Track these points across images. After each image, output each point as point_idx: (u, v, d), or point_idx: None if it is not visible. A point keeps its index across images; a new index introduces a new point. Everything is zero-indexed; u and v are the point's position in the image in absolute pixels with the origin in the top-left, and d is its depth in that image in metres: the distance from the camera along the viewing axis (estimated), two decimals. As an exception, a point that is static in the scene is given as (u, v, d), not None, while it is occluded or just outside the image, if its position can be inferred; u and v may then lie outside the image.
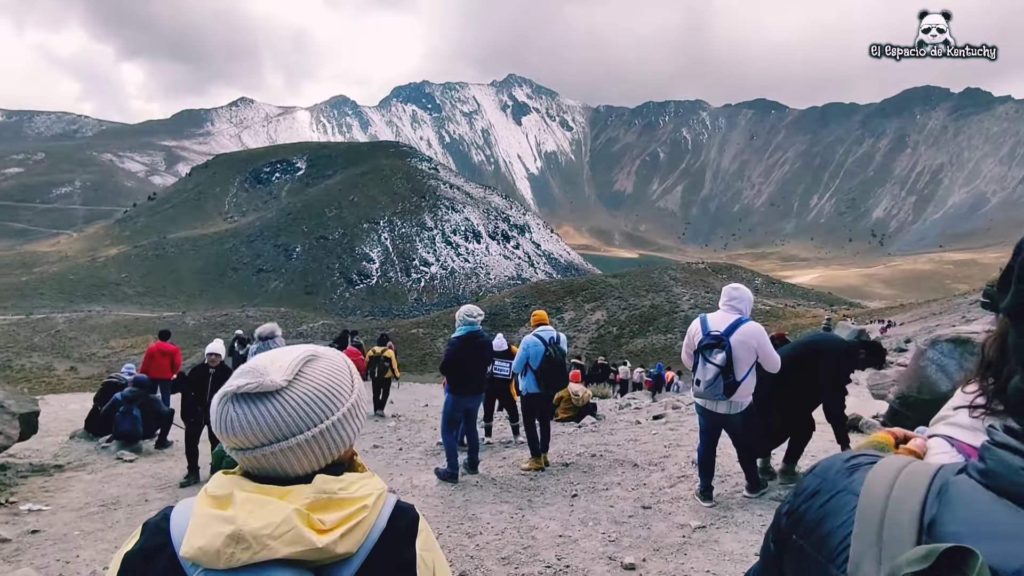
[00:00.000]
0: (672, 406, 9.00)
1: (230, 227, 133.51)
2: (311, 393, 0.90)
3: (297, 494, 0.84)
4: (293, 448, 0.87)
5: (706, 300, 61.33)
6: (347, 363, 0.99)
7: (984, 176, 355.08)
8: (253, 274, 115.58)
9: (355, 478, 0.91)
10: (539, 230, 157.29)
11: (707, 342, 3.98)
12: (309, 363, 0.94)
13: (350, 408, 0.94)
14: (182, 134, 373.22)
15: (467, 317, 5.53)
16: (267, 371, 0.89)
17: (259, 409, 0.86)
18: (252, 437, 0.86)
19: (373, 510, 0.87)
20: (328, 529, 0.82)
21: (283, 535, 0.79)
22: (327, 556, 0.81)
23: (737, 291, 4.22)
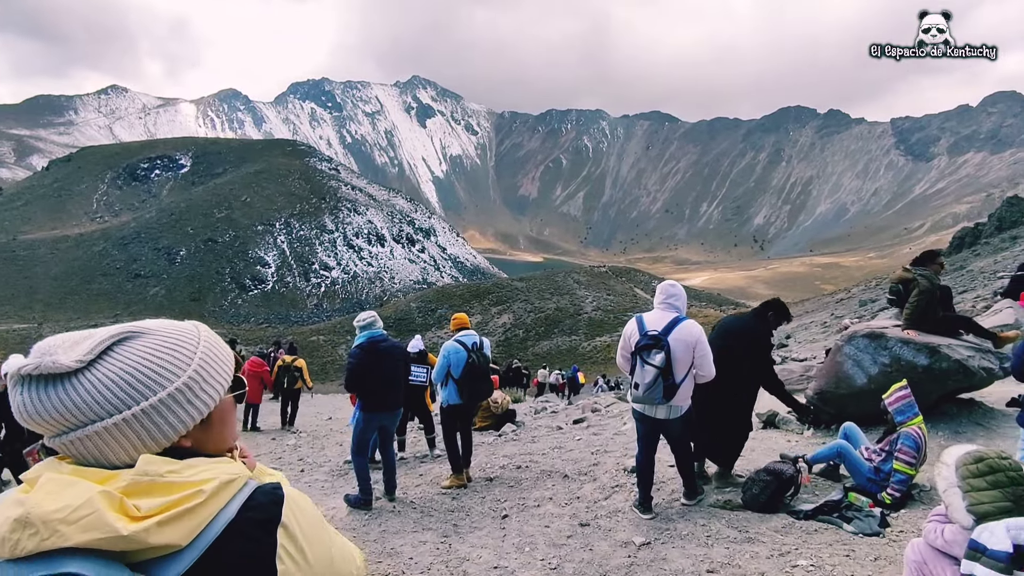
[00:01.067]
0: (591, 409, 8.87)
1: (99, 228, 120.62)
2: (111, 376, 0.77)
3: (120, 477, 0.74)
4: (92, 437, 0.76)
5: (608, 302, 63.70)
6: (193, 341, 0.87)
7: (845, 188, 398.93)
8: (128, 280, 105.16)
9: (198, 461, 0.79)
10: (445, 234, 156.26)
11: (644, 343, 3.77)
12: (123, 342, 0.81)
13: (178, 390, 0.81)
14: (37, 122, 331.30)
15: (361, 322, 4.97)
16: (55, 351, 0.78)
17: (46, 393, 0.75)
18: (43, 423, 0.76)
19: (214, 497, 0.75)
20: (143, 516, 0.70)
21: (79, 520, 0.66)
22: (138, 547, 0.69)
23: (674, 288, 4.05)
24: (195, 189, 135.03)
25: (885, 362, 4.88)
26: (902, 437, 3.80)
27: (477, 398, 5.30)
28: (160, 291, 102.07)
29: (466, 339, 5.32)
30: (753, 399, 4.52)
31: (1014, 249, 33.61)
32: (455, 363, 5.19)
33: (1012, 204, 48.56)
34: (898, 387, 3.99)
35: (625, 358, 4.00)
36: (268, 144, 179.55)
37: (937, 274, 5.21)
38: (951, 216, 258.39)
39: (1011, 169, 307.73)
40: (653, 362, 3.67)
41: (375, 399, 4.78)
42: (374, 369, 4.73)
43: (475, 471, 5.57)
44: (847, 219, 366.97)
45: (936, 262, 5.33)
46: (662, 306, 3.97)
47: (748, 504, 3.85)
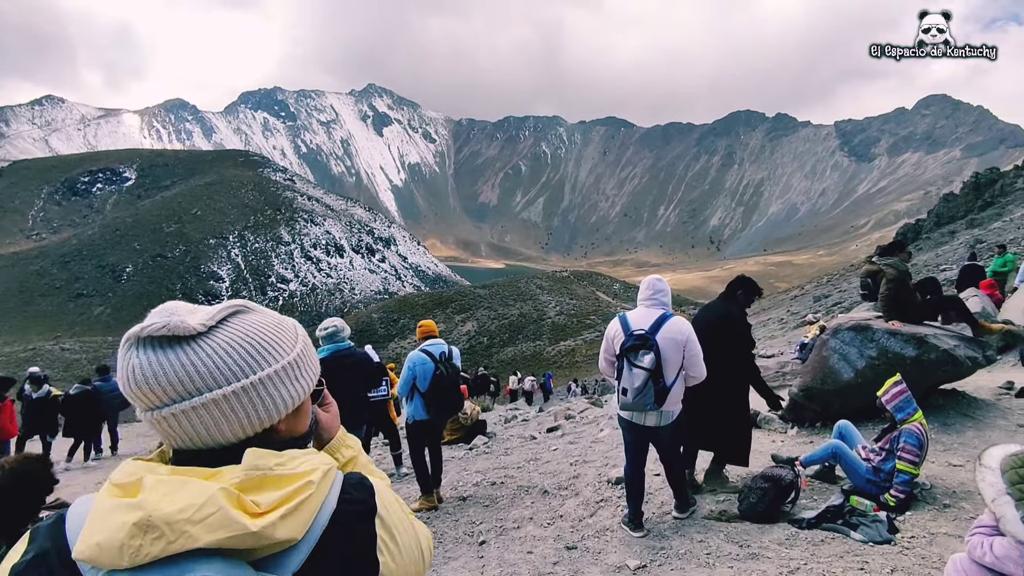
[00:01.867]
0: (565, 416, 8.53)
1: (37, 246, 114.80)
2: (234, 342, 0.77)
3: (226, 474, 0.70)
4: (209, 406, 0.73)
5: (571, 307, 63.92)
6: (292, 323, 0.87)
7: (795, 189, 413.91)
8: (70, 300, 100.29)
9: (297, 453, 0.77)
10: (405, 242, 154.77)
11: (631, 343, 3.42)
12: (238, 314, 0.82)
13: (287, 366, 0.80)
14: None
15: (324, 332, 4.51)
16: (180, 312, 0.77)
17: (168, 356, 0.73)
18: (158, 390, 0.72)
19: (321, 487, 0.73)
20: (264, 511, 0.67)
21: (205, 518, 0.64)
22: (265, 543, 0.66)
23: (660, 283, 3.74)
24: (141, 203, 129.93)
25: (872, 355, 4.72)
26: (904, 435, 3.58)
27: (446, 412, 4.85)
28: (106, 310, 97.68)
29: (433, 348, 4.87)
30: (746, 386, 4.25)
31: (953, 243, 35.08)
32: (421, 375, 4.75)
33: (948, 201, 50.95)
34: (892, 383, 3.77)
35: (609, 362, 3.66)
36: (219, 155, 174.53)
37: (904, 262, 5.12)
38: (893, 213, 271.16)
39: (945, 168, 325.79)
40: (642, 364, 3.34)
41: None
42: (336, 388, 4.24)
43: (446, 490, 5.15)
44: (797, 218, 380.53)
45: (904, 251, 5.26)
46: (647, 303, 3.64)
47: (746, 514, 3.56)
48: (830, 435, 4.98)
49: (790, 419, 5.45)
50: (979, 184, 47.36)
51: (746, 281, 4.34)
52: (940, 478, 3.78)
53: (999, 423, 4.50)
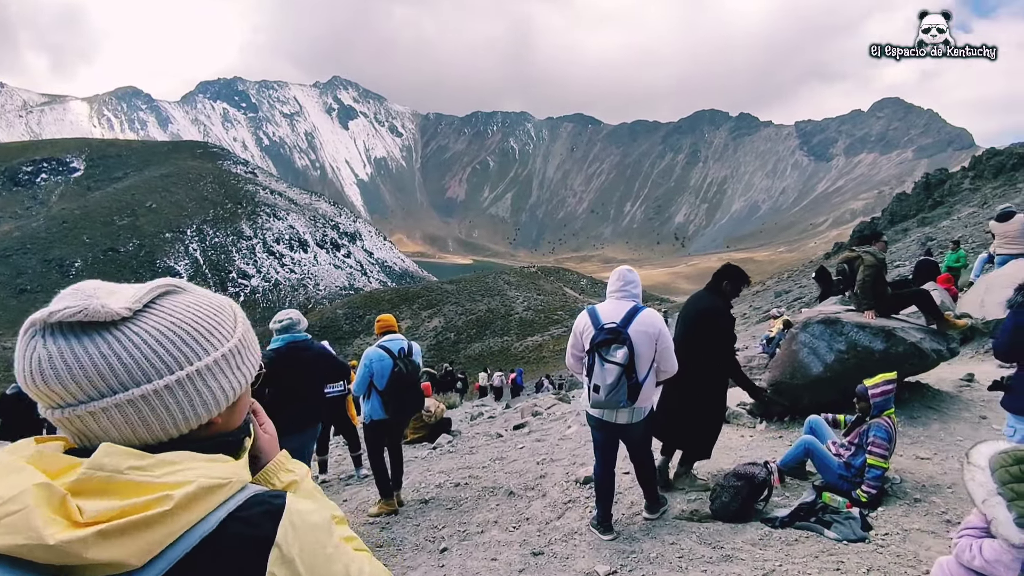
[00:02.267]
0: (532, 412, 8.35)
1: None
2: (165, 328, 0.65)
3: (75, 469, 0.57)
4: (135, 403, 0.61)
5: (539, 302, 64.06)
6: (231, 306, 0.77)
7: (756, 187, 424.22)
8: (12, 296, 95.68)
9: (179, 457, 0.61)
10: (371, 238, 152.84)
11: (602, 338, 3.24)
12: (169, 295, 0.70)
13: (227, 354, 0.69)
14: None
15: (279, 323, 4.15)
16: (99, 294, 0.64)
17: (86, 346, 0.60)
18: (72, 386, 0.59)
19: (186, 507, 0.57)
20: (85, 523, 0.53)
21: (3, 517, 0.51)
22: (69, 561, 0.52)
23: (630, 274, 3.56)
24: (91, 195, 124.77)
25: (841, 348, 4.67)
26: (873, 428, 3.51)
27: (405, 412, 4.58)
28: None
29: (391, 344, 4.61)
30: (725, 383, 4.12)
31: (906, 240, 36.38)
32: (378, 372, 4.48)
33: (901, 200, 52.94)
34: (886, 379, 3.67)
35: (577, 358, 3.47)
36: (176, 146, 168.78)
37: (882, 252, 5.10)
38: (849, 212, 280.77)
39: (898, 168, 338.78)
40: (614, 359, 3.18)
41: (287, 417, 3.84)
42: (291, 382, 3.88)
43: (408, 492, 4.91)
44: (759, 216, 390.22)
45: (880, 240, 5.25)
46: (618, 295, 3.47)
47: (718, 513, 3.44)
48: (800, 430, 4.96)
49: (759, 414, 5.40)
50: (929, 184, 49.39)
51: (733, 270, 4.15)
52: (909, 471, 3.75)
53: (963, 415, 4.51)
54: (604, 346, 3.23)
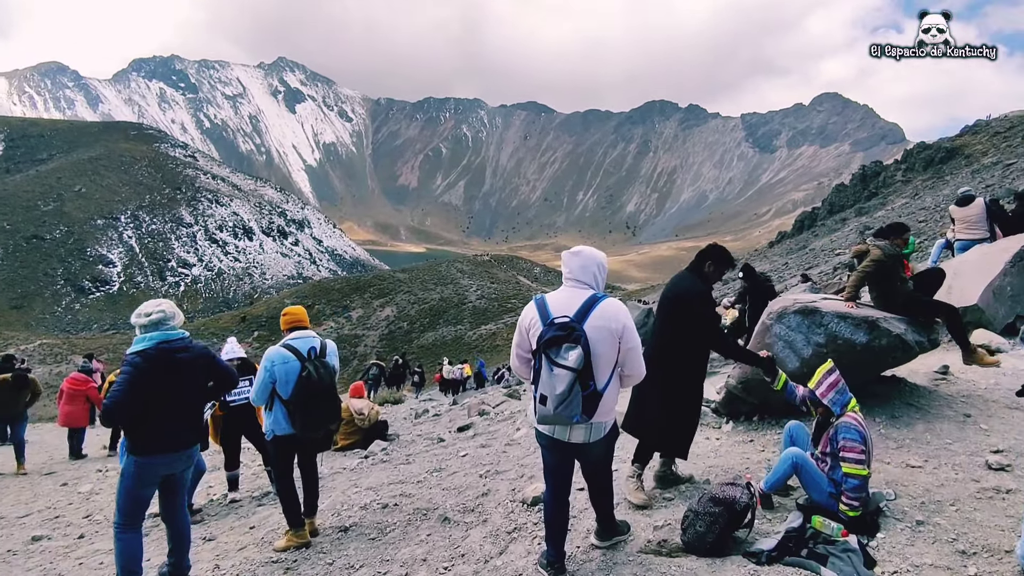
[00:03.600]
0: (479, 411, 7.68)
1: None
2: None
3: None
4: None
5: (492, 291, 63.55)
6: None
7: (704, 177, 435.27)
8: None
9: None
10: (320, 225, 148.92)
11: (551, 335, 2.57)
12: None
13: None
14: None
15: (144, 318, 3.36)
16: None
17: None
18: None
19: None
20: None
21: None
22: None
23: (589, 255, 2.87)
24: (11, 178, 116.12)
25: (820, 341, 4.20)
26: (840, 431, 2.99)
27: (316, 426, 3.78)
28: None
29: (299, 343, 3.85)
30: (702, 373, 3.66)
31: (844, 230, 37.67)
32: (282, 378, 3.71)
33: (839, 191, 55.09)
34: (825, 371, 3.17)
35: (523, 359, 2.80)
36: (107, 127, 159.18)
37: (897, 247, 4.67)
38: (791, 202, 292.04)
39: (836, 161, 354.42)
40: (565, 362, 2.51)
41: (157, 435, 3.20)
42: (161, 389, 3.17)
43: (326, 516, 4.17)
44: (707, 205, 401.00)
45: (901, 237, 4.86)
46: (573, 282, 2.81)
47: (691, 546, 2.84)
48: (770, 431, 4.46)
49: (724, 413, 4.90)
50: (865, 176, 51.47)
51: (717, 251, 3.65)
52: (902, 483, 3.28)
53: (946, 413, 4.12)
54: (553, 346, 2.56)
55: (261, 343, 52.59)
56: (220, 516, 4.75)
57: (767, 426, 4.50)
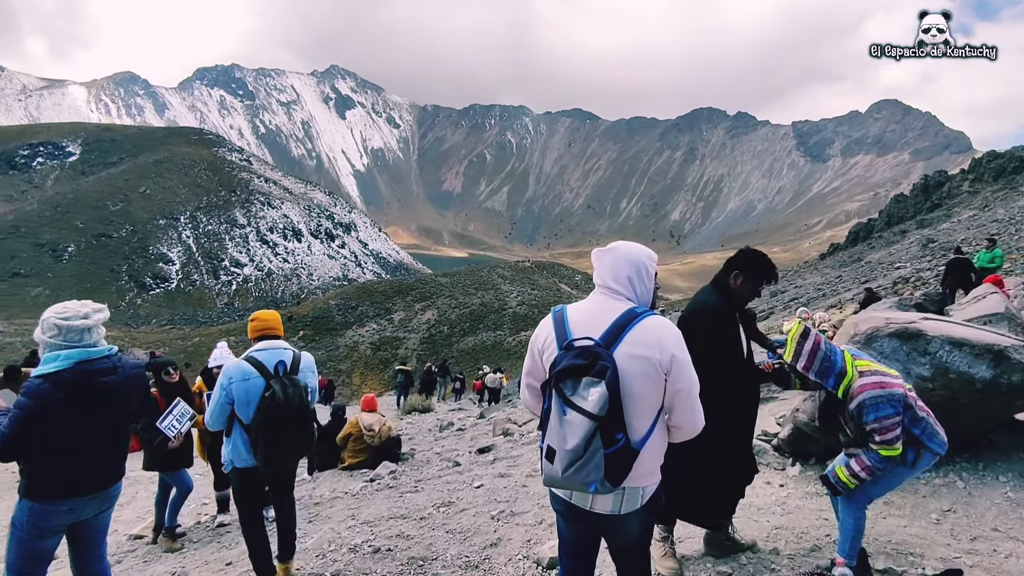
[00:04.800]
0: (503, 429, 7.02)
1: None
2: None
3: None
4: None
5: (533, 297, 62.99)
6: None
7: (752, 186, 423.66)
8: (4, 279, 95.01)
9: None
10: (366, 229, 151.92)
11: (567, 364, 1.85)
12: None
13: None
14: None
15: (55, 327, 2.49)
16: None
17: None
18: None
19: None
20: None
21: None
22: None
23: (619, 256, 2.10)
24: (85, 179, 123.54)
25: (925, 374, 3.35)
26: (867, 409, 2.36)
27: (280, 456, 3.12)
28: (44, 291, 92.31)
29: (265, 356, 3.20)
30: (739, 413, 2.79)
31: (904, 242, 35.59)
32: (241, 397, 3.09)
33: (898, 201, 52.37)
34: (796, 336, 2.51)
35: (533, 390, 2.10)
36: (171, 132, 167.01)
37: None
38: (844, 213, 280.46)
39: (894, 171, 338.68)
40: (583, 404, 1.79)
41: (64, 476, 2.52)
42: (74, 422, 2.48)
43: (310, 556, 3.57)
44: (754, 215, 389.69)
45: None
46: (603, 290, 2.07)
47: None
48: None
49: (789, 452, 4.08)
50: (928, 186, 48.67)
51: (748, 258, 2.80)
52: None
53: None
54: (568, 379, 1.83)
55: (305, 342, 53.55)
56: (202, 544, 4.27)
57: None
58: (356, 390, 43.47)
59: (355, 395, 40.00)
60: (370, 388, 43.68)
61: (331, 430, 6.08)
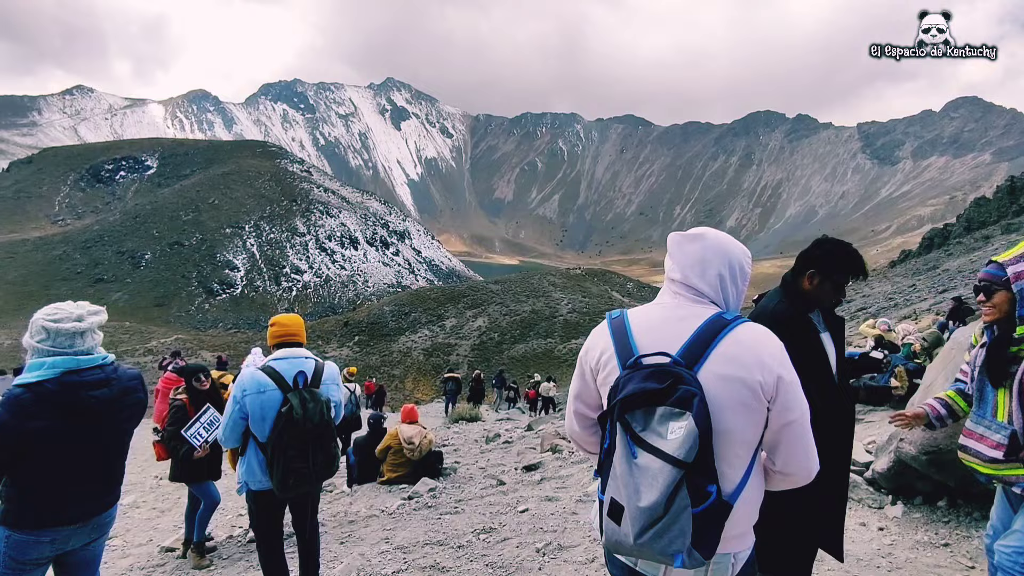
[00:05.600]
0: (551, 445, 6.58)
1: (60, 231, 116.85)
2: None
3: None
4: None
5: (584, 304, 62.16)
6: None
7: (813, 191, 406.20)
8: (90, 285, 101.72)
9: None
10: (420, 236, 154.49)
11: (636, 388, 1.37)
12: None
13: None
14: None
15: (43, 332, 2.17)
16: None
17: None
18: None
19: None
20: None
21: None
22: None
23: (709, 245, 1.66)
24: (161, 191, 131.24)
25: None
26: None
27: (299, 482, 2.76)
28: (123, 296, 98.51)
29: (284, 366, 2.87)
30: (832, 450, 2.04)
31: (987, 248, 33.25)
32: (256, 412, 2.77)
33: (980, 205, 49.10)
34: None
35: (584, 420, 1.67)
36: (237, 145, 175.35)
37: None
38: (916, 218, 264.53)
39: (973, 172, 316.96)
40: (662, 445, 1.32)
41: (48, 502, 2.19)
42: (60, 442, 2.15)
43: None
44: (816, 221, 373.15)
45: None
46: (679, 288, 1.62)
47: None
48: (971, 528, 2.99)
49: (887, 488, 3.48)
50: (1014, 188, 45.13)
51: (825, 251, 2.20)
52: None
53: None
54: (638, 409, 1.37)
55: (360, 347, 54.58)
56: (231, 560, 4.05)
57: (965, 518, 3.02)
58: (408, 395, 43.93)
59: (407, 400, 40.41)
60: (423, 394, 44.03)
61: (370, 441, 5.80)
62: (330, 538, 3.88)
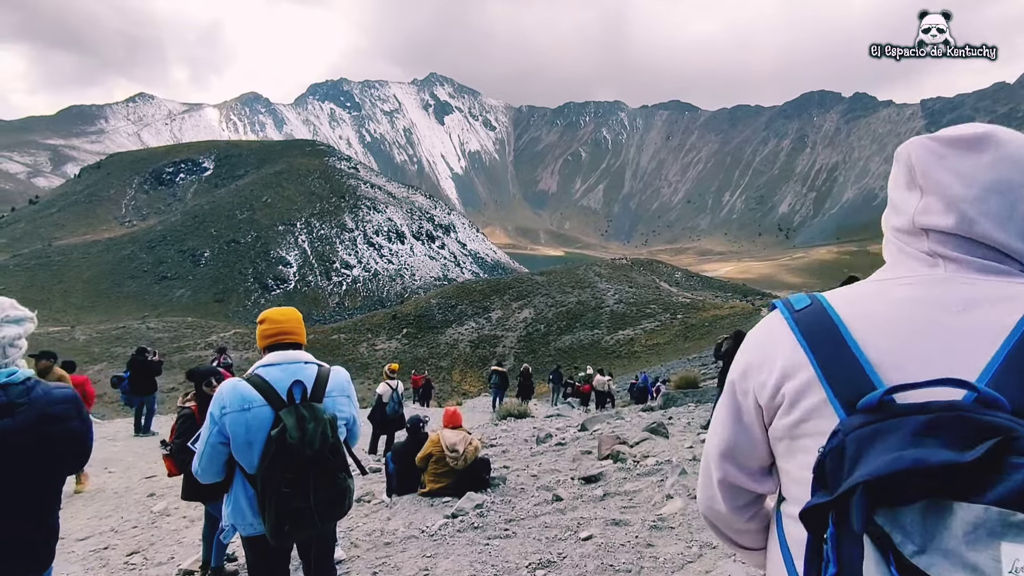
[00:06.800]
0: (611, 451, 6.00)
1: (128, 232, 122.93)
2: None
3: None
4: None
5: (630, 295, 60.88)
6: None
7: (872, 174, 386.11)
8: (155, 282, 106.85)
9: None
10: (464, 230, 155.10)
11: (902, 460, 0.55)
12: None
13: None
14: (71, 132, 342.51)
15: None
16: None
17: None
18: None
19: None
20: None
21: None
22: None
23: (1003, 150, 0.75)
24: (218, 191, 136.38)
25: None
26: None
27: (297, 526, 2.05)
28: (186, 293, 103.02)
29: (276, 374, 2.17)
30: None
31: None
32: (239, 435, 2.07)
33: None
34: None
35: (738, 493, 0.88)
36: (288, 145, 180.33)
37: None
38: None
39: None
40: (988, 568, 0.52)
41: None
42: None
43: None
44: (876, 205, 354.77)
45: None
46: (960, 247, 0.76)
47: None
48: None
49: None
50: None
51: None
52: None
53: None
54: (908, 502, 0.55)
55: (408, 340, 55.05)
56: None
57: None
58: (456, 387, 43.96)
59: (455, 392, 40.26)
60: (470, 385, 44.00)
61: (409, 448, 5.35)
62: (362, 565, 3.44)
